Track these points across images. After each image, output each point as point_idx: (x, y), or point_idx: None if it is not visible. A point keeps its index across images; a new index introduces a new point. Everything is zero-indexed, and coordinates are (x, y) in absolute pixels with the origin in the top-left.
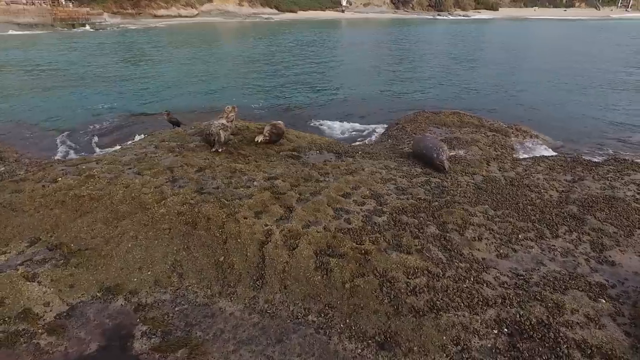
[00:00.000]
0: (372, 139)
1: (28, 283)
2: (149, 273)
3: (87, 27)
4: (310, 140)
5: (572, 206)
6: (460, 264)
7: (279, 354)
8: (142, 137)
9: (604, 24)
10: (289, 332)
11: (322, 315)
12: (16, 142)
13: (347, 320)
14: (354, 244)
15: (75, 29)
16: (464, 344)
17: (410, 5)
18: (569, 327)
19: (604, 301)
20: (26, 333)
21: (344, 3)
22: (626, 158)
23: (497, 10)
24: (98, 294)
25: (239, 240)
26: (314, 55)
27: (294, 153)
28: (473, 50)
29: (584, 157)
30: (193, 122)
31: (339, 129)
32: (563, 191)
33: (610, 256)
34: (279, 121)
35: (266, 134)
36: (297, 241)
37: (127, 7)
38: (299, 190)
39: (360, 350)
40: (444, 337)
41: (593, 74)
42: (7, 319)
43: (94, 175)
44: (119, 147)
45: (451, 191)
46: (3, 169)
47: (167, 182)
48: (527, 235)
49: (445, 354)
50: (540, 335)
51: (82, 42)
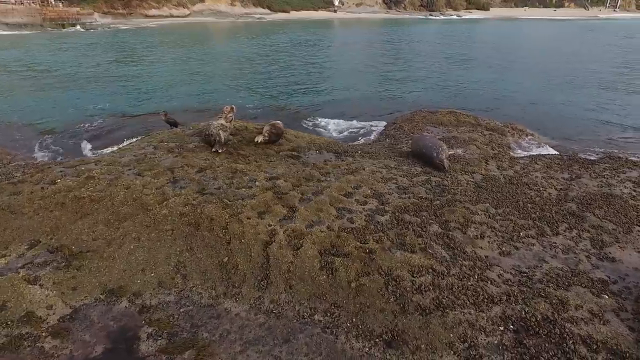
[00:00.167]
0: (370, 138)
1: (30, 286)
2: (152, 274)
3: (78, 27)
4: (309, 140)
5: (571, 204)
6: (464, 262)
7: (287, 354)
8: (140, 137)
9: (592, 24)
10: (296, 331)
11: (329, 314)
12: (6, 143)
13: (354, 319)
14: (358, 243)
15: (65, 29)
16: (471, 341)
17: (403, 5)
18: (574, 323)
19: (606, 297)
20: (30, 336)
21: (336, 3)
22: (620, 156)
23: (488, 10)
24: (101, 296)
25: (242, 240)
26: (307, 55)
27: (293, 153)
28: (465, 50)
29: (579, 155)
30: (190, 122)
31: (334, 128)
32: (561, 189)
33: (610, 253)
34: (277, 121)
35: (265, 134)
36: (301, 241)
37: (118, 7)
38: (301, 190)
39: (367, 349)
40: (451, 335)
41: (583, 74)
42: (9, 322)
43: (93, 177)
44: (115, 148)
45: (452, 190)
46: None
47: (168, 183)
48: (529, 232)
49: (452, 352)
50: (546, 331)
51: (73, 43)
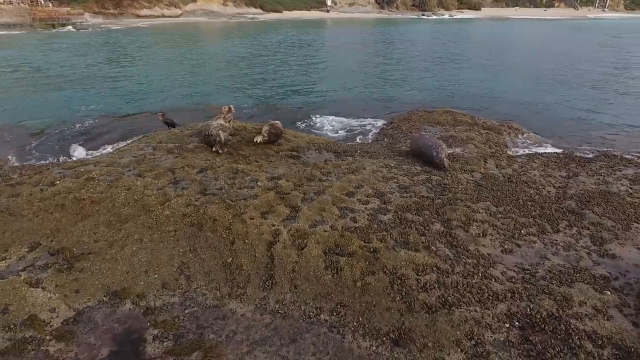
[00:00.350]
0: (367, 138)
1: (32, 289)
2: (156, 276)
3: (70, 28)
4: (308, 140)
5: (570, 201)
6: (468, 260)
7: (294, 354)
8: (137, 138)
9: (582, 23)
10: (302, 331)
11: (335, 313)
12: None
13: (360, 318)
14: (361, 242)
15: (55, 29)
16: (477, 339)
17: (395, 5)
18: (579, 319)
19: (609, 293)
20: (34, 340)
21: (329, 3)
22: (615, 154)
23: (480, 10)
24: (104, 299)
25: (246, 241)
26: (301, 55)
27: (293, 153)
28: (458, 50)
29: (575, 153)
30: (185, 122)
31: (331, 128)
32: (560, 187)
33: (610, 249)
34: (276, 121)
35: (265, 134)
36: (305, 241)
37: (109, 7)
38: (303, 190)
39: (375, 348)
40: (458, 332)
41: (574, 74)
42: (12, 326)
43: (93, 178)
44: (109, 149)
45: (452, 189)
46: None
47: (169, 183)
48: (530, 230)
49: (459, 349)
50: (551, 327)
51: (63, 43)
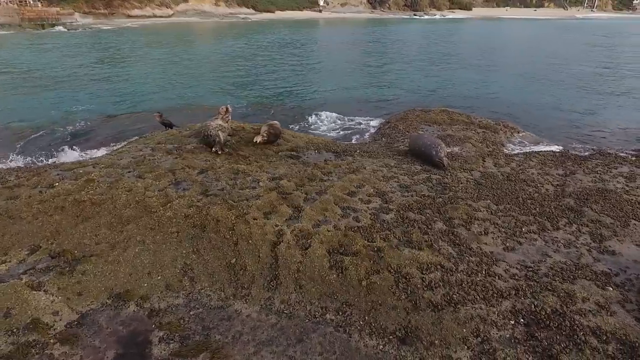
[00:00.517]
0: (364, 137)
1: (34, 292)
2: (159, 278)
3: (61, 28)
4: (307, 140)
5: (569, 199)
6: (471, 258)
7: (301, 354)
8: (135, 139)
9: (571, 23)
10: (309, 331)
11: (340, 313)
12: None
13: (366, 317)
14: (365, 241)
15: (45, 30)
16: (483, 336)
17: (387, 5)
18: (583, 315)
19: (611, 289)
20: (37, 344)
21: (321, 3)
22: (610, 152)
23: (471, 10)
24: (108, 301)
25: (250, 241)
26: (294, 55)
27: (292, 153)
28: (451, 49)
29: (570, 151)
30: (181, 123)
31: (327, 127)
32: (558, 185)
33: (610, 246)
34: (274, 121)
35: (264, 135)
36: (309, 241)
37: (99, 7)
38: (304, 190)
39: (382, 346)
40: (464, 330)
41: (564, 73)
42: (15, 329)
43: (93, 180)
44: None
45: (453, 187)
46: None
47: (170, 184)
48: (530, 228)
49: (466, 346)
50: (556, 324)
51: (54, 43)
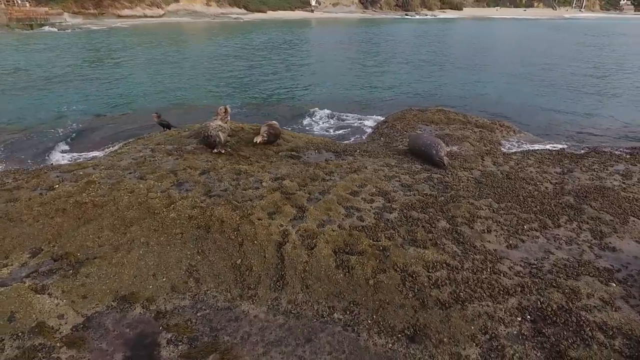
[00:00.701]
0: (362, 137)
1: (38, 295)
2: (164, 279)
3: (53, 28)
4: (306, 140)
5: (568, 197)
6: (476, 256)
7: (310, 354)
8: (133, 140)
9: (560, 23)
10: (317, 331)
11: (348, 312)
12: None
13: (374, 316)
14: (370, 241)
15: (34, 30)
16: (491, 333)
17: (378, 5)
18: (588, 311)
19: (614, 285)
20: (44, 348)
21: (313, 3)
22: (605, 150)
23: (462, 9)
24: (113, 304)
25: (255, 242)
26: (288, 55)
27: (293, 153)
28: (443, 49)
29: (566, 150)
30: (178, 123)
31: (323, 127)
32: (557, 183)
33: (610, 243)
34: (273, 121)
35: (264, 135)
36: (314, 240)
37: (88, 7)
38: (307, 190)
39: (391, 345)
40: (472, 327)
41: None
42: (20, 333)
43: (94, 181)
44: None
45: (454, 186)
46: None
47: (172, 185)
48: (532, 225)
49: (475, 343)
50: (563, 320)
51: (43, 43)
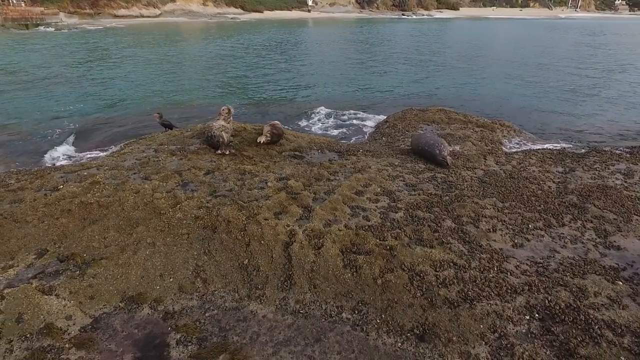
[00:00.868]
0: (364, 137)
1: (45, 297)
2: (171, 280)
3: (49, 28)
4: (309, 139)
5: (571, 196)
6: (482, 255)
7: (320, 353)
8: (134, 140)
9: (556, 23)
10: (326, 330)
11: (356, 312)
12: None
13: (383, 315)
14: (377, 240)
15: (29, 30)
16: (500, 331)
17: (375, 4)
18: (596, 309)
19: (620, 283)
20: (52, 349)
21: (310, 3)
22: (605, 149)
23: (458, 9)
24: (121, 304)
25: (262, 242)
26: (285, 54)
27: (296, 153)
28: (441, 49)
29: (567, 149)
30: (178, 123)
31: (323, 127)
32: (559, 182)
33: (615, 241)
34: (275, 121)
35: (267, 135)
36: (321, 240)
37: (84, 7)
38: (313, 190)
39: (400, 344)
40: (481, 326)
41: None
42: (28, 335)
43: (98, 182)
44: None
45: (458, 185)
46: None
47: (177, 186)
48: (536, 225)
49: (484, 342)
50: (571, 318)
51: (39, 43)
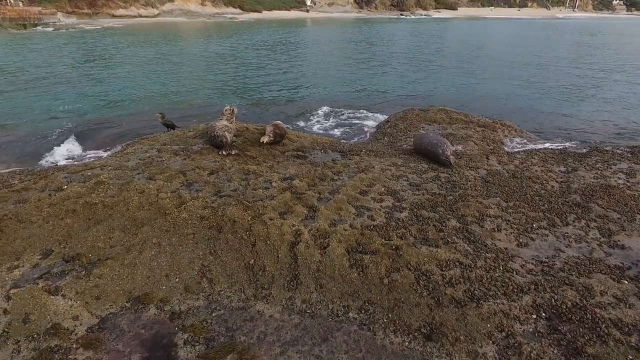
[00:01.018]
0: (365, 137)
1: (52, 297)
2: (177, 280)
3: (48, 28)
4: (311, 139)
5: (575, 195)
6: (487, 254)
7: (327, 353)
8: (136, 140)
9: (554, 22)
10: (333, 330)
11: (363, 311)
12: None
13: (390, 315)
14: (382, 240)
15: (27, 30)
16: (507, 330)
17: (374, 4)
18: (603, 308)
19: (626, 282)
20: (60, 349)
21: (308, 2)
22: (607, 149)
23: (456, 9)
24: (127, 305)
25: (268, 242)
26: (284, 54)
27: (299, 153)
28: (440, 49)
29: (569, 149)
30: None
31: (324, 127)
32: (562, 181)
33: (619, 240)
34: (278, 121)
35: (270, 135)
36: (327, 240)
37: (82, 7)
38: (317, 190)
39: (407, 343)
40: (489, 325)
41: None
42: (35, 335)
43: (103, 182)
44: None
45: (462, 185)
46: None
47: (182, 186)
48: (541, 224)
49: (491, 341)
50: (578, 317)
51: (37, 43)
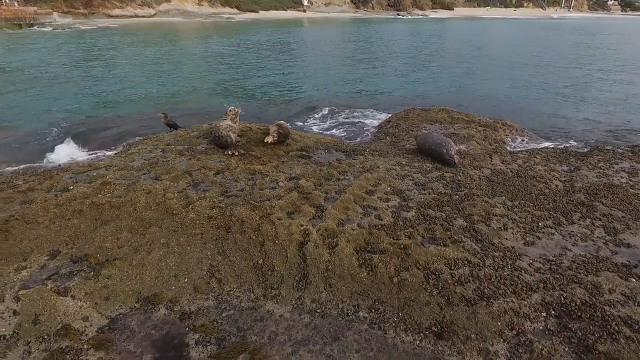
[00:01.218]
0: (367, 137)
1: (61, 298)
2: (186, 280)
3: (44, 28)
4: (315, 139)
5: (579, 194)
6: (495, 253)
7: (339, 352)
8: (139, 139)
9: (550, 23)
10: (343, 329)
11: (373, 310)
12: None
13: (400, 314)
14: (390, 239)
15: (22, 30)
16: (518, 328)
17: (370, 4)
18: (612, 306)
19: (634, 280)
20: (71, 350)
21: (305, 2)
22: (608, 148)
23: (453, 9)
24: (136, 305)
25: (276, 241)
26: (283, 54)
27: (303, 153)
28: (439, 49)
29: (571, 148)
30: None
31: (325, 126)
32: (566, 180)
33: (624, 239)
34: (281, 121)
35: (274, 135)
36: (335, 239)
37: (78, 7)
38: (324, 189)
39: (418, 342)
40: (499, 323)
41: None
42: (46, 336)
43: (109, 182)
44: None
45: (467, 184)
46: None
47: (188, 186)
48: (546, 223)
49: (502, 339)
50: (588, 315)
51: (33, 43)
